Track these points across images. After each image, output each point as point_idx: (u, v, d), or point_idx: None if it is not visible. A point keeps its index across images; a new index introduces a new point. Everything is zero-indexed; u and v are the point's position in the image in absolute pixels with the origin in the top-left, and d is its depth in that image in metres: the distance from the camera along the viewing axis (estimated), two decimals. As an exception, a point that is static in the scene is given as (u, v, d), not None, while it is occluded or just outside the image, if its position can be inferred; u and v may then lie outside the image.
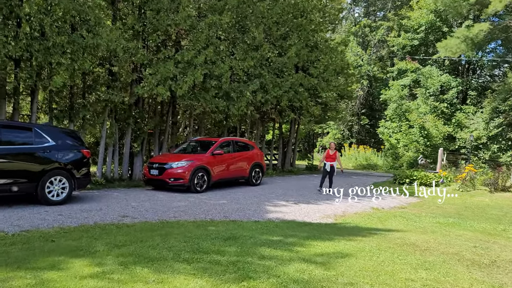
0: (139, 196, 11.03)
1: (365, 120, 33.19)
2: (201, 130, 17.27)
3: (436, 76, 27.44)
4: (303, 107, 19.11)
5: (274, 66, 16.97)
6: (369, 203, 11.99)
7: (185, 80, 13.18)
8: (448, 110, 26.91)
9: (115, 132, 13.78)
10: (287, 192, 13.13)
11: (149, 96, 14.65)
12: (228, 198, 11.40)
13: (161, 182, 11.87)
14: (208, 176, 12.21)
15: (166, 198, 10.88)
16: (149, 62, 13.20)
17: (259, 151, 14.82)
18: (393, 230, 8.51)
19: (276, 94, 16.67)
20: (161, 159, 12.33)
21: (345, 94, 20.75)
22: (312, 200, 11.82)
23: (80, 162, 9.19)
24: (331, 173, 13.23)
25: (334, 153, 13.13)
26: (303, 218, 9.42)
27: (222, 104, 14.79)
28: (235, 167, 13.28)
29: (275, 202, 11.21)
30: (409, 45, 30.02)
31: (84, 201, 9.79)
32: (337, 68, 19.30)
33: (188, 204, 10.21)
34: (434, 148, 24.68)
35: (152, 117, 15.27)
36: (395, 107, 27.90)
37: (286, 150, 21.66)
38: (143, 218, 8.40)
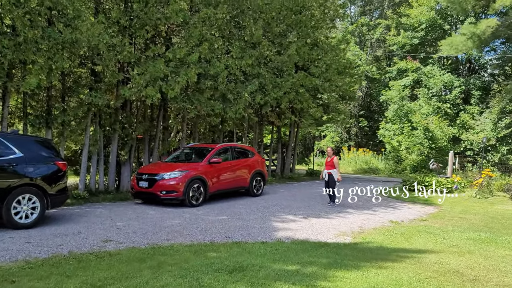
0: (126, 212, 9.62)
1: (364, 122, 32.05)
2: (194, 135, 15.91)
3: (439, 75, 26.39)
4: (304, 109, 17.84)
5: (273, 65, 15.69)
6: (385, 215, 10.74)
7: (177, 80, 11.83)
8: (452, 111, 25.85)
9: (99, 139, 12.36)
10: (292, 203, 11.81)
11: (137, 99, 13.26)
12: (228, 212, 10.05)
13: (151, 195, 10.49)
14: (205, 188, 10.86)
15: (157, 214, 9.49)
16: (136, 61, 11.83)
17: (260, 158, 13.50)
18: (424, 251, 7.27)
19: (276, 95, 15.38)
20: (151, 169, 10.95)
21: (348, 95, 19.54)
22: (322, 213, 10.52)
23: (54, 176, 7.78)
24: (329, 183, 11.50)
25: (331, 159, 11.57)
26: (317, 236, 8.14)
27: (218, 107, 13.45)
28: (235, 177, 11.92)
29: (282, 216, 9.89)
30: (408, 44, 28.97)
31: (60, 222, 8.37)
32: (340, 67, 18.09)
33: (183, 222, 8.84)
34: (439, 150, 23.60)
35: (141, 122, 13.88)
36: (396, 108, 26.78)
37: (285, 155, 20.37)
38: (130, 243, 7.03)
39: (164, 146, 14.49)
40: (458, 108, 26.43)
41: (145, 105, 14.32)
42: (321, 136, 34.20)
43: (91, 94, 11.27)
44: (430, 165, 17.72)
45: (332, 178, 11.43)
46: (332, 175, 11.42)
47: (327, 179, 11.53)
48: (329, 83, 17.96)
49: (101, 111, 12.40)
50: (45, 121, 11.04)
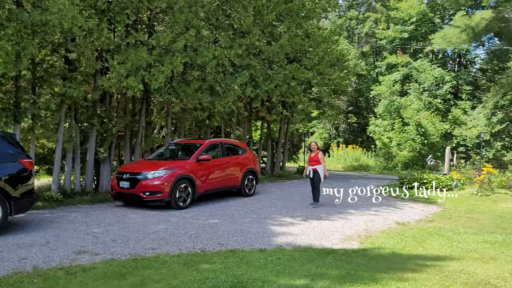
0: (104, 217, 8.54)
1: (353, 119, 31.37)
2: (180, 131, 14.84)
3: (429, 70, 25.85)
4: (296, 103, 16.94)
5: (264, 56, 14.74)
6: (388, 215, 9.93)
7: (161, 70, 10.80)
8: (443, 106, 25.35)
9: (75, 135, 11.22)
10: (288, 204, 10.90)
11: (118, 91, 12.15)
12: (220, 215, 9.08)
13: (133, 197, 9.42)
14: (193, 188, 9.85)
15: (140, 219, 8.45)
16: (116, 48, 10.74)
17: (252, 155, 12.54)
18: (443, 258, 6.47)
19: (267, 88, 14.43)
20: (133, 168, 9.87)
21: (340, 89, 18.72)
22: (322, 214, 9.64)
23: (18, 176, 6.68)
24: (314, 180, 10.48)
25: (315, 154, 10.57)
26: (321, 241, 7.26)
27: (206, 100, 12.44)
28: (225, 176, 10.92)
29: (279, 219, 8.97)
30: (398, 38, 28.35)
31: (26, 229, 7.26)
32: (332, 59, 17.24)
33: (170, 226, 7.83)
34: (432, 146, 23.05)
35: (122, 117, 12.76)
36: (387, 103, 26.16)
37: (275, 152, 19.47)
38: (109, 254, 6.00)
39: (147, 143, 13.40)
40: (449, 103, 25.96)
41: (126, 98, 13.21)
42: (309, 132, 33.40)
43: (64, 84, 10.13)
44: (428, 162, 17.10)
45: (318, 175, 10.45)
46: (318, 171, 10.45)
47: (311, 176, 10.58)
48: (321, 76, 17.11)
49: (77, 104, 11.28)
50: (12, 115, 9.84)
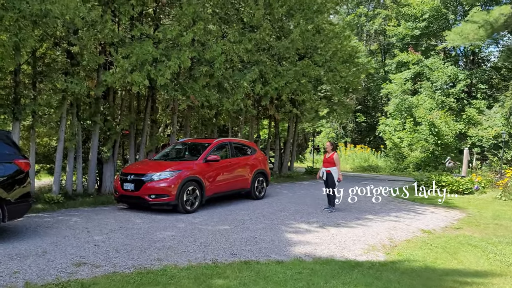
0: (107, 222, 7.92)
1: (361, 118, 30.63)
2: (186, 130, 14.21)
3: (442, 68, 25.09)
4: (306, 101, 16.27)
5: (273, 51, 14.08)
6: (411, 221, 9.27)
7: (168, 64, 10.16)
8: (456, 105, 24.58)
9: (77, 133, 10.62)
10: (301, 208, 10.25)
11: (122, 87, 11.59)
12: (230, 220, 8.44)
13: (138, 200, 8.81)
14: (201, 191, 9.22)
15: (145, 224, 7.83)
16: (120, 42, 10.13)
17: (262, 155, 11.88)
18: (483, 274, 5.85)
19: (277, 85, 13.77)
20: (138, 169, 9.26)
21: (352, 87, 18.03)
22: (340, 220, 8.98)
23: (13, 179, 6.07)
24: (328, 183, 9.83)
25: (330, 155, 9.89)
26: (342, 252, 6.62)
27: (214, 97, 11.81)
28: (235, 177, 10.27)
29: (294, 225, 8.33)
30: (409, 35, 27.59)
31: (21, 236, 6.66)
32: (344, 56, 16.55)
33: (177, 233, 7.21)
34: (445, 147, 22.29)
35: (126, 114, 12.15)
36: (398, 102, 25.42)
37: (283, 151, 18.81)
38: (111, 266, 5.39)
39: (152, 142, 12.78)
40: (462, 102, 25.18)
41: (131, 94, 12.61)
42: (315, 132, 32.71)
43: (66, 79, 9.53)
44: (446, 163, 16.38)
45: (332, 178, 9.79)
46: (332, 173, 9.80)
47: (325, 178, 9.93)
48: (333, 73, 16.42)
49: (79, 100, 10.68)
50: (11, 112, 9.26)
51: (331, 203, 9.95)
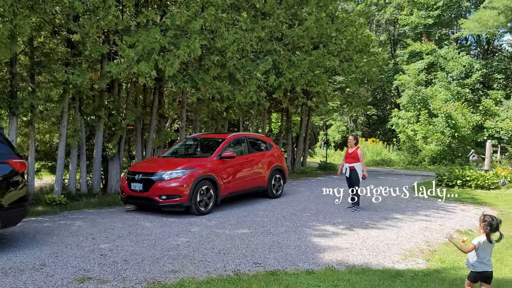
0: (114, 226, 7.20)
1: (372, 111, 29.73)
2: (195, 124, 13.46)
3: (457, 57, 24.15)
4: (320, 93, 15.46)
5: (287, 40, 13.26)
6: (443, 221, 8.50)
7: (177, 54, 9.39)
8: (472, 96, 23.66)
9: (80, 129, 9.90)
10: (323, 207, 9.48)
11: (127, 79, 10.84)
12: (249, 223, 7.70)
13: (147, 201, 8.08)
14: (216, 190, 8.48)
15: (156, 229, 7.09)
16: (125, 29, 9.36)
17: (279, 150, 11.12)
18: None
19: (291, 75, 12.97)
20: (146, 167, 8.52)
21: (368, 77, 17.18)
22: (366, 220, 8.22)
23: (6, 181, 5.34)
24: (352, 180, 9.08)
25: (354, 150, 9.09)
26: (378, 259, 5.88)
27: (225, 89, 11.04)
28: (251, 175, 9.50)
29: (318, 227, 7.58)
30: (422, 24, 26.61)
31: (18, 245, 5.94)
32: (360, 45, 15.70)
33: (192, 239, 6.48)
34: (462, 140, 21.41)
35: (132, 108, 11.41)
36: (411, 94, 24.52)
37: (296, 146, 18.04)
38: (120, 281, 4.67)
39: (161, 138, 12.06)
40: (477, 93, 24.26)
41: (137, 87, 11.87)
42: (325, 125, 31.86)
43: (67, 70, 8.78)
44: (470, 157, 15.57)
45: (356, 174, 9.00)
46: (356, 170, 9.00)
47: (348, 175, 9.14)
48: (348, 63, 15.59)
49: (81, 93, 9.95)
50: (7, 106, 8.54)
51: (356, 202, 9.19)
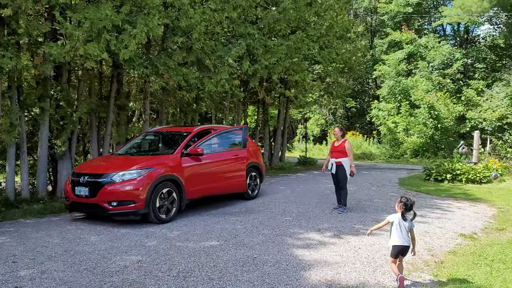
0: (48, 242, 5.78)
1: (351, 103, 28.83)
2: (161, 117, 12.05)
3: (438, 46, 23.45)
4: (299, 82, 14.28)
5: (262, 23, 11.99)
6: (441, 222, 7.47)
7: (132, 33, 7.99)
8: (453, 87, 23.02)
9: (19, 123, 8.39)
10: (306, 209, 8.29)
11: (77, 64, 9.36)
12: (218, 232, 6.42)
13: (94, 208, 6.69)
14: (180, 193, 7.16)
15: (102, 244, 5.72)
16: (70, 4, 7.90)
17: (254, 145, 9.85)
18: None
19: (267, 62, 11.73)
20: (94, 168, 7.11)
21: (349, 66, 16.11)
22: (356, 224, 7.09)
23: None
24: (339, 178, 7.93)
25: (341, 143, 7.94)
26: (375, 275, 4.81)
27: (192, 76, 9.69)
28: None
29: (302, 235, 6.39)
30: (402, 12, 25.81)
31: None
32: (341, 30, 14.58)
33: (146, 257, 5.16)
34: (445, 131, 20.71)
35: (85, 99, 9.92)
36: (391, 85, 23.71)
37: (273, 140, 16.86)
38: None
39: (120, 133, 10.62)
40: (458, 83, 23.65)
41: (91, 74, 10.37)
42: (303, 119, 30.84)
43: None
44: (459, 149, 14.76)
45: (343, 171, 7.85)
46: (343, 165, 7.84)
47: (334, 171, 7.97)
48: (328, 50, 14.46)
49: (19, 80, 8.41)
50: None
51: (343, 202, 8.04)
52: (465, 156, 14.22)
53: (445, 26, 28.30)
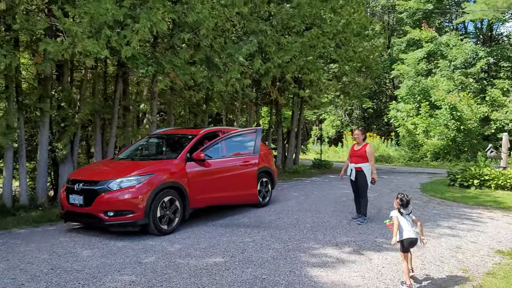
0: (35, 257, 5.23)
1: (368, 103, 27.89)
2: (169, 118, 11.51)
3: (460, 44, 22.44)
4: (314, 81, 13.58)
5: (276, 19, 11.35)
6: (474, 235, 6.69)
7: (135, 29, 7.45)
8: (477, 86, 21.97)
9: (18, 126, 7.93)
10: (321, 218, 7.61)
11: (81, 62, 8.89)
12: (224, 246, 5.80)
13: (89, 218, 6.14)
14: (183, 202, 6.56)
15: (94, 260, 5.14)
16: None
17: (266, 148, 9.21)
18: None
19: (280, 60, 11.08)
20: (90, 174, 6.56)
21: (367, 65, 15.34)
22: (378, 237, 6.37)
23: None
24: (358, 185, 7.20)
25: (361, 147, 7.18)
26: (406, 304, 4.05)
27: (200, 74, 9.11)
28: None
29: (317, 250, 5.72)
30: (421, 9, 24.84)
31: None
32: (358, 27, 13.83)
33: (141, 277, 4.57)
34: (468, 133, 19.72)
35: (88, 99, 9.44)
36: (410, 85, 22.77)
37: (287, 142, 16.20)
38: None
39: (126, 135, 10.11)
40: (482, 83, 22.58)
41: (94, 74, 9.89)
42: (318, 120, 30.08)
43: (-10, 49, 6.80)
44: (487, 152, 13.87)
45: (363, 178, 7.11)
46: (363, 172, 7.10)
47: (354, 178, 7.25)
48: (345, 47, 13.73)
49: (17, 81, 7.95)
50: None
51: (363, 212, 7.33)
52: (492, 160, 13.30)
53: (467, 24, 27.27)
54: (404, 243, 4.46)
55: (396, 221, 4.53)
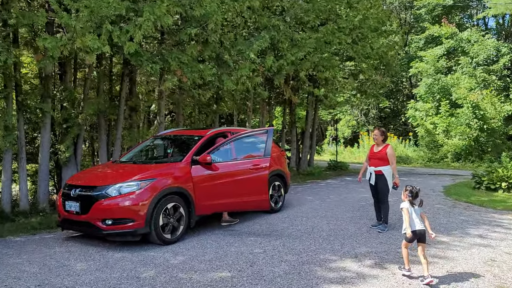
0: (23, 271, 4.78)
1: (385, 103, 27.06)
2: (178, 118, 11.05)
3: (482, 40, 21.52)
4: (329, 80, 12.97)
5: (289, 14, 10.81)
6: (508, 245, 6.03)
7: (138, 23, 7.00)
8: (500, 84, 21.02)
9: (18, 127, 7.56)
10: (338, 225, 7.03)
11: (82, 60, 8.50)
12: (232, 257, 5.27)
13: (86, 227, 5.69)
14: (189, 208, 6.06)
15: (87, 274, 4.66)
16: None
17: (278, 150, 8.67)
18: None
19: (294, 57, 10.52)
20: (88, 178, 6.10)
21: (385, 62, 14.66)
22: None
23: None
24: (379, 190, 6.63)
25: (382, 149, 6.59)
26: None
27: (209, 72, 8.61)
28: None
29: (334, 263, 5.15)
30: (440, 5, 23.96)
31: None
32: (376, 22, 13.18)
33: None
34: (492, 133, 18.82)
35: (92, 99, 9.04)
36: (430, 83, 21.92)
37: (301, 143, 15.61)
38: None
39: (132, 136, 9.69)
40: (505, 80, 21.60)
41: (99, 73, 9.49)
42: (333, 120, 29.35)
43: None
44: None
45: (384, 181, 6.52)
46: (384, 175, 6.52)
47: (373, 182, 6.65)
48: (362, 44, 13.08)
49: (16, 79, 7.58)
50: None
51: (384, 219, 6.73)
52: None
53: (487, 20, 26.25)
54: (416, 233, 4.49)
55: (407, 212, 4.54)
